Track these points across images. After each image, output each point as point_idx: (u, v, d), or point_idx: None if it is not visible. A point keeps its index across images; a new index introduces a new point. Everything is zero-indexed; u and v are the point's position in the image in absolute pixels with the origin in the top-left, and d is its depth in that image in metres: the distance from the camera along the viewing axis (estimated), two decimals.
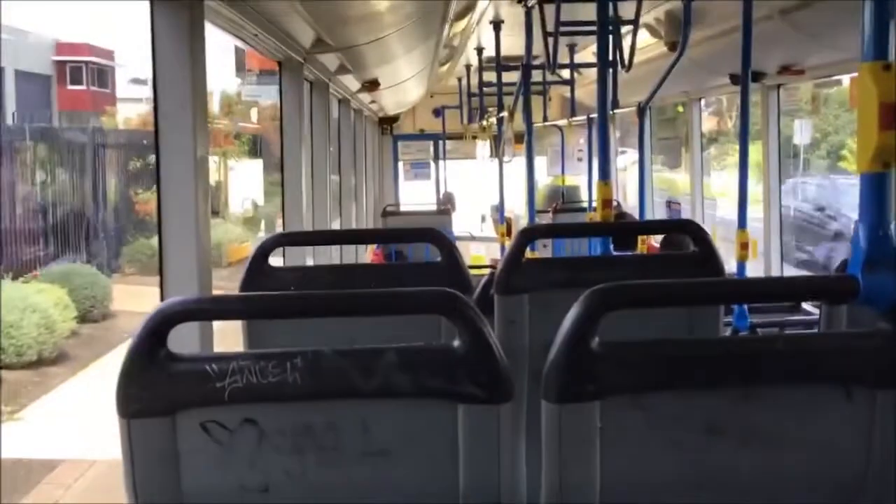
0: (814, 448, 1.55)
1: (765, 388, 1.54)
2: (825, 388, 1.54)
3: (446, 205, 11.74)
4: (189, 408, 1.49)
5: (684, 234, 2.71)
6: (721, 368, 1.54)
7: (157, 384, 1.48)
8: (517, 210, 11.50)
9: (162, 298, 2.53)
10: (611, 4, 5.41)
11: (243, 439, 1.50)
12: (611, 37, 5.57)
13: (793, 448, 1.55)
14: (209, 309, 1.68)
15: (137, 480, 1.49)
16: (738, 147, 4.51)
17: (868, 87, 1.49)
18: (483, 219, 13.94)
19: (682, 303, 1.88)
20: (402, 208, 11.72)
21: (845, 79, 6.12)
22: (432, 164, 12.85)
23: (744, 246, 4.33)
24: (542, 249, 7.73)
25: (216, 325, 2.56)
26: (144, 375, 1.48)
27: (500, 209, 8.54)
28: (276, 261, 2.59)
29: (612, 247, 3.98)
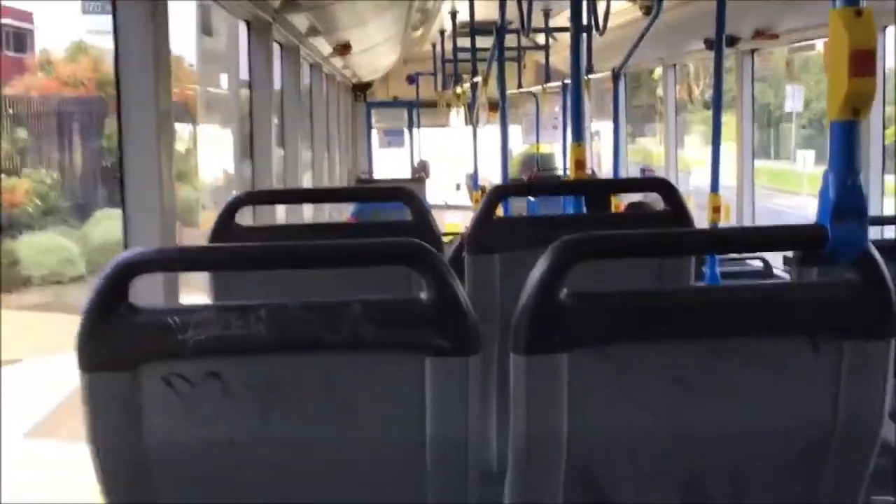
0: (781, 400, 1.55)
1: (732, 340, 1.53)
2: (792, 340, 1.53)
3: (420, 173, 11.71)
4: (151, 361, 1.46)
5: (656, 192, 2.70)
6: (688, 320, 1.53)
7: (117, 337, 1.45)
8: (493, 179, 11.50)
9: (125, 248, 2.49)
10: None
11: (207, 393, 1.47)
12: (585, 0, 5.54)
13: (760, 400, 1.55)
14: (170, 259, 1.65)
15: (99, 435, 1.46)
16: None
17: (839, 33, 1.47)
18: (458, 187, 13.92)
19: (650, 253, 1.86)
20: (376, 176, 11.68)
21: (819, 44, 6.11)
22: (406, 132, 12.79)
23: (716, 209, 4.35)
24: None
25: (191, 283, 2.52)
26: (104, 328, 1.44)
27: (474, 176, 8.51)
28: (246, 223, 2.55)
29: (584, 209, 3.96)
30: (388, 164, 12.84)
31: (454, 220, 11.29)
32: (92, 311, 1.44)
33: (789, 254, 2.58)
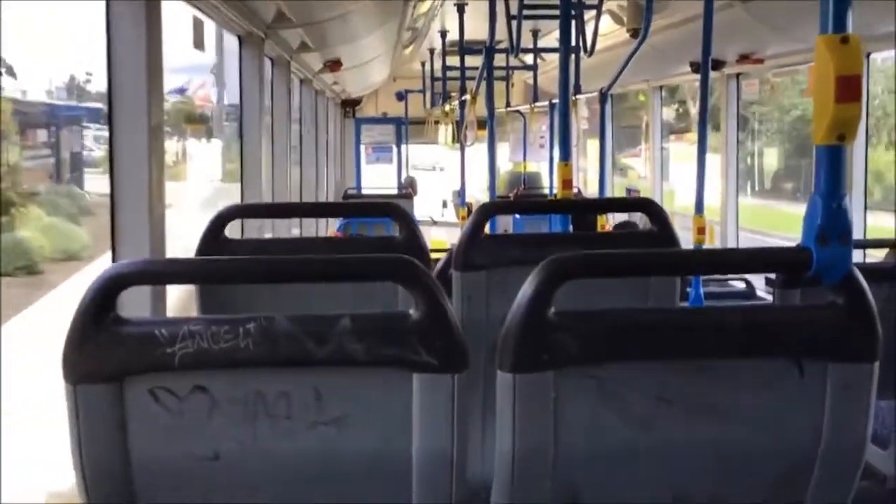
0: (765, 422, 1.56)
1: (717, 360, 1.55)
2: (777, 361, 1.55)
3: (408, 189, 11.72)
4: (137, 374, 1.45)
5: (642, 212, 2.72)
6: (674, 340, 1.54)
7: (103, 349, 1.44)
8: (479, 196, 11.53)
9: (113, 261, 2.48)
10: None
11: (193, 407, 1.46)
12: (574, 22, 5.59)
13: (745, 421, 1.56)
14: (157, 272, 1.64)
15: (84, 447, 1.45)
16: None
17: (825, 59, 1.49)
18: (445, 204, 13.94)
19: (636, 273, 1.88)
20: (364, 192, 11.68)
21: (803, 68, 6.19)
22: (394, 148, 12.81)
23: (700, 230, 4.38)
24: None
25: (181, 296, 2.51)
26: (91, 340, 1.44)
27: (461, 193, 8.54)
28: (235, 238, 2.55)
29: (571, 228, 3.99)
30: (377, 178, 12.86)
31: (441, 237, 11.30)
32: (79, 322, 1.44)
33: (772, 275, 2.61)
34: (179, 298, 2.95)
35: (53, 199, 6.64)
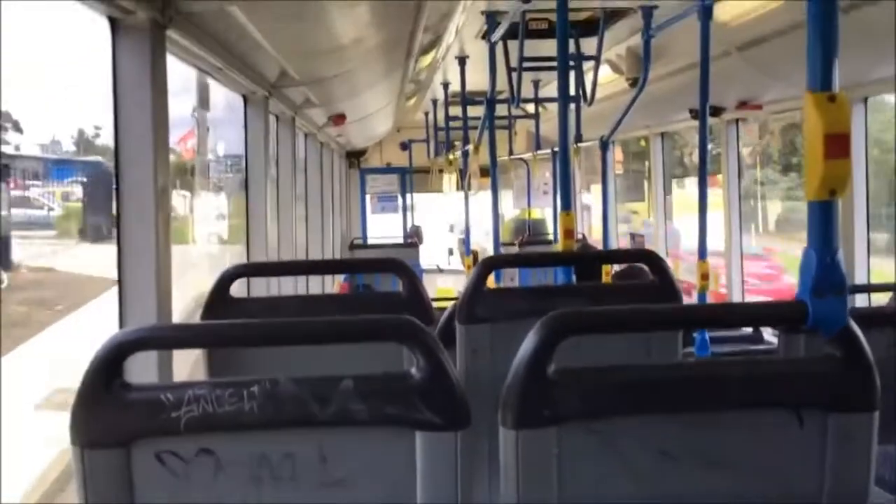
0: (767, 473, 1.57)
1: (718, 412, 1.56)
2: (778, 412, 1.56)
3: (413, 238, 11.78)
4: (144, 438, 1.47)
5: (644, 263, 2.75)
6: (674, 393, 1.55)
7: (111, 414, 1.46)
8: (485, 243, 11.57)
9: (120, 327, 2.50)
10: (572, 41, 5.52)
11: (199, 470, 1.48)
12: (573, 72, 5.68)
13: (746, 473, 1.56)
14: (164, 337, 1.67)
15: None
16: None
17: (814, 117, 1.53)
18: (451, 252, 13.98)
19: (637, 328, 1.90)
20: (370, 241, 11.73)
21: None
22: (399, 198, 12.89)
23: (704, 276, 4.39)
24: (510, 283, 7.75)
25: (190, 357, 2.53)
26: (98, 405, 1.46)
27: (465, 241, 8.57)
28: (241, 295, 2.57)
29: (574, 278, 4.00)
30: (383, 228, 12.91)
31: (447, 285, 11.31)
32: (86, 387, 1.46)
33: None
34: (189, 354, 2.97)
35: None
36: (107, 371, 1.47)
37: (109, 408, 1.46)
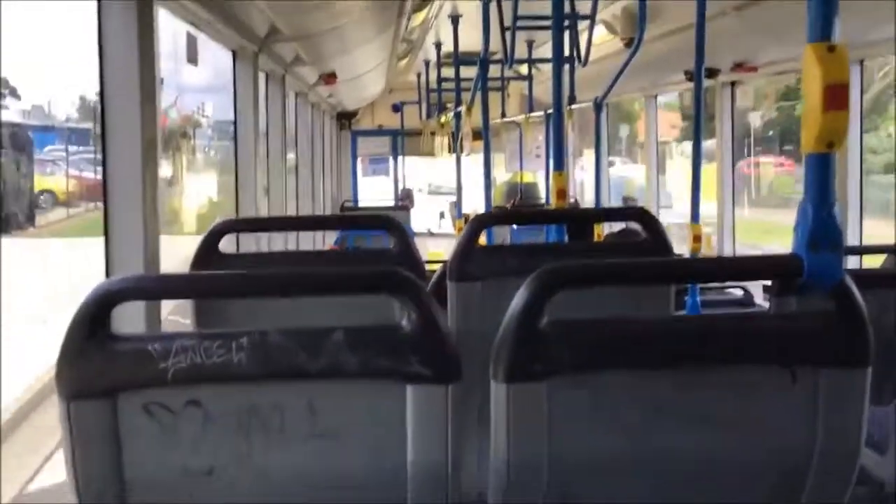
0: (759, 429, 1.56)
1: (710, 368, 1.55)
2: (770, 369, 1.55)
3: (405, 201, 11.75)
4: (131, 389, 1.45)
5: (636, 221, 2.73)
6: (666, 349, 1.54)
7: (96, 365, 1.44)
8: (477, 207, 11.55)
9: (107, 277, 2.47)
10: (567, 0, 5.45)
11: (187, 421, 1.47)
12: (567, 32, 5.62)
13: (738, 429, 1.56)
14: (149, 288, 1.65)
15: (78, 463, 1.46)
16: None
17: (813, 68, 1.50)
18: (442, 216, 13.96)
19: (627, 282, 1.89)
20: (361, 204, 11.70)
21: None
22: (391, 160, 12.84)
23: (696, 238, 4.39)
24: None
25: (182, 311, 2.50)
26: (84, 356, 1.44)
27: (457, 204, 8.55)
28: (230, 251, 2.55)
29: (566, 238, 3.99)
30: (376, 191, 12.88)
31: (438, 249, 11.31)
32: (71, 338, 1.44)
33: (768, 282, 2.62)
34: (178, 305, 2.95)
35: None
36: (92, 321, 1.45)
37: (95, 359, 1.44)
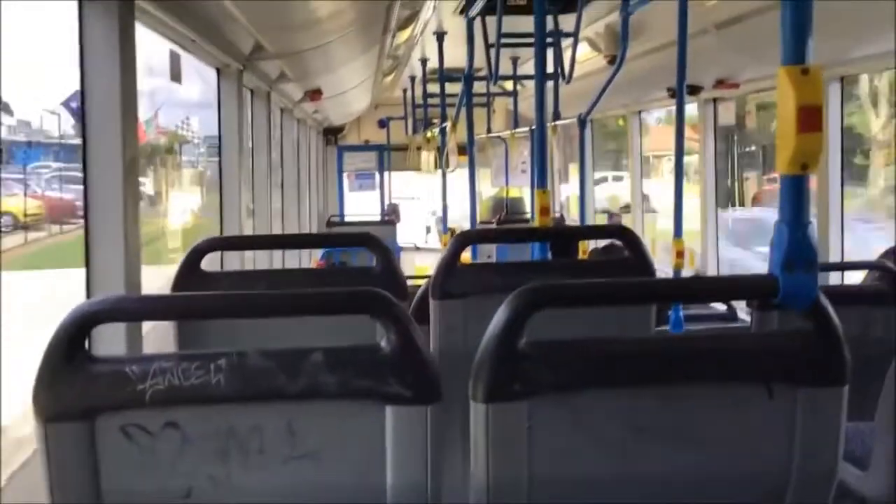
0: (737, 447, 1.57)
1: (688, 386, 1.56)
2: (748, 386, 1.56)
3: (391, 215, 11.75)
4: (109, 411, 1.45)
5: (618, 239, 2.74)
6: (646, 367, 1.55)
7: (74, 387, 1.44)
8: (463, 222, 11.56)
9: (87, 298, 2.46)
10: (551, 17, 5.49)
11: (165, 443, 1.46)
12: (551, 49, 5.65)
13: (717, 447, 1.57)
14: (130, 309, 1.64)
15: (55, 485, 1.45)
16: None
17: (787, 90, 1.52)
18: (428, 230, 13.97)
19: (608, 302, 1.90)
20: (347, 219, 11.69)
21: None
22: (377, 175, 12.84)
23: (679, 254, 4.40)
24: (487, 261, 7.75)
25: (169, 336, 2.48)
26: (61, 378, 1.43)
27: (443, 219, 8.56)
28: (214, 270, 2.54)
29: (549, 255, 4.00)
30: (361, 205, 12.86)
31: (424, 263, 11.30)
32: (49, 360, 1.44)
33: None
34: (158, 327, 2.93)
35: None
36: (70, 343, 1.44)
37: (73, 380, 1.43)
